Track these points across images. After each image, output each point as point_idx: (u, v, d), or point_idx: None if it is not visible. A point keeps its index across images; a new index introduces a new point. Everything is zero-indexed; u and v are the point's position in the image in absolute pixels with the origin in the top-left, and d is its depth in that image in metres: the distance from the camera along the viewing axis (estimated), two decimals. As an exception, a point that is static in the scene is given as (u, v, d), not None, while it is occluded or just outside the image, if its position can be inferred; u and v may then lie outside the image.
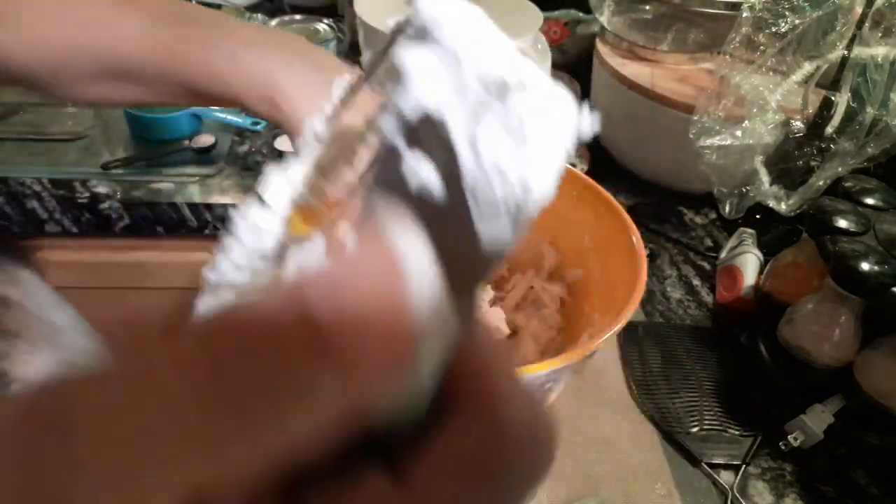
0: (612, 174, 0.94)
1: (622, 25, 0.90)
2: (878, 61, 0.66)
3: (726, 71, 0.75)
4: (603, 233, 0.57)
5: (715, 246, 0.84)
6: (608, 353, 0.68)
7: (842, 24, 0.68)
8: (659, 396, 0.64)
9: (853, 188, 0.64)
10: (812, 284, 0.65)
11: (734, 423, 0.62)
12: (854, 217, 0.60)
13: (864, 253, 0.56)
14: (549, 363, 0.43)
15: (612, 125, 0.92)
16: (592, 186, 0.58)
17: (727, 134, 0.73)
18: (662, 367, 0.67)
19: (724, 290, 0.74)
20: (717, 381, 0.66)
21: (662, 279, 0.79)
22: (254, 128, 0.94)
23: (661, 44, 0.87)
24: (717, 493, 0.57)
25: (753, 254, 0.75)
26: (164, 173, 0.89)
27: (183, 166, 0.90)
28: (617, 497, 0.55)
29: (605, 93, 0.90)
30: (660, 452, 0.59)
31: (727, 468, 0.58)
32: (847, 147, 0.70)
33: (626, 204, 0.89)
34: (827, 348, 0.61)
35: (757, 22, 0.72)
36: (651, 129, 0.85)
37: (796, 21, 0.70)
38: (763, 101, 0.72)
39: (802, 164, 0.74)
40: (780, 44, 0.71)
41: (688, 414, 0.62)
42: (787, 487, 0.58)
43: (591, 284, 0.59)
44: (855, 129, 0.69)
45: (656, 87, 0.82)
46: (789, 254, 0.70)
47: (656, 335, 0.70)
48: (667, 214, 0.89)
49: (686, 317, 0.74)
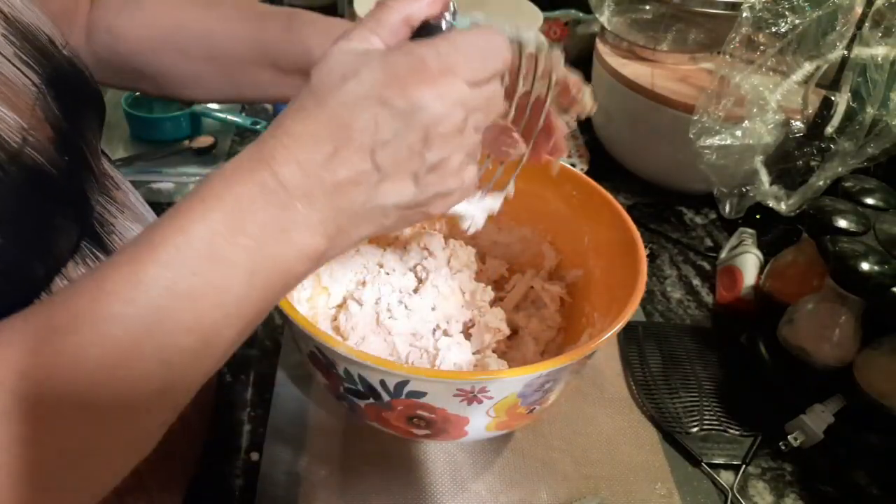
0: (612, 174, 0.94)
1: (622, 25, 0.90)
2: (878, 61, 0.66)
3: (726, 71, 0.75)
4: (603, 233, 0.57)
5: (715, 246, 0.84)
6: (608, 353, 0.68)
7: (842, 23, 0.68)
8: (659, 396, 0.64)
9: (853, 188, 0.64)
10: (812, 284, 0.65)
11: (734, 423, 0.62)
12: (854, 217, 0.60)
13: (864, 253, 0.56)
14: (549, 363, 0.43)
15: (612, 125, 0.92)
16: (592, 186, 0.58)
17: (727, 134, 0.73)
18: (662, 367, 0.67)
19: (724, 290, 0.74)
20: (718, 381, 0.66)
21: (662, 279, 0.79)
22: (254, 128, 0.94)
23: (662, 44, 0.87)
24: (717, 493, 0.57)
25: (753, 254, 0.75)
26: (164, 173, 0.89)
27: (183, 166, 0.90)
28: (617, 497, 0.55)
29: (606, 93, 0.90)
30: (660, 452, 0.59)
31: (727, 468, 0.58)
32: (847, 147, 0.70)
33: (626, 204, 0.89)
34: (827, 348, 0.61)
35: (757, 22, 0.72)
36: (651, 129, 0.85)
37: (796, 21, 0.70)
38: (763, 101, 0.72)
39: (802, 164, 0.74)
40: (780, 44, 0.71)
41: (688, 414, 0.62)
42: (787, 487, 0.58)
43: (591, 284, 0.59)
44: (855, 129, 0.69)
45: (656, 87, 0.82)
46: (789, 254, 0.70)
47: (656, 335, 0.70)
48: (667, 214, 0.89)
49: (686, 317, 0.74)
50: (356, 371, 0.44)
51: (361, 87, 0.29)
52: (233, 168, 0.30)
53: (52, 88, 0.38)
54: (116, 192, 0.47)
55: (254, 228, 0.29)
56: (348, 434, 0.58)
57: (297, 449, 0.56)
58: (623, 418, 0.62)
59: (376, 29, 0.32)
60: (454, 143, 0.31)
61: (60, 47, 0.41)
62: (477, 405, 0.45)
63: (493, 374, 0.48)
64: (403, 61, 0.30)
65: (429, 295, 0.60)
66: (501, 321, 0.59)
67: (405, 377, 0.43)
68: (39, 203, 0.35)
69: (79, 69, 0.42)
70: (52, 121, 0.37)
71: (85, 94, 0.43)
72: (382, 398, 0.45)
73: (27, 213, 0.34)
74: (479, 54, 0.31)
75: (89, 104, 0.43)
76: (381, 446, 0.57)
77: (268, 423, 0.58)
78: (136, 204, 0.50)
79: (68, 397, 0.26)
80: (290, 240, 0.30)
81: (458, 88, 0.30)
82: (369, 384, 0.44)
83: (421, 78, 0.29)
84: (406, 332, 0.58)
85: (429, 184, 0.32)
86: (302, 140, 0.29)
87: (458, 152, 0.32)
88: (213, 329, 0.29)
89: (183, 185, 0.88)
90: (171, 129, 0.94)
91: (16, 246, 0.33)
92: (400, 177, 0.31)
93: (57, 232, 0.37)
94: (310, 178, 0.29)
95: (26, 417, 0.26)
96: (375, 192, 0.31)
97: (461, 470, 0.56)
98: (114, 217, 0.45)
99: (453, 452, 0.57)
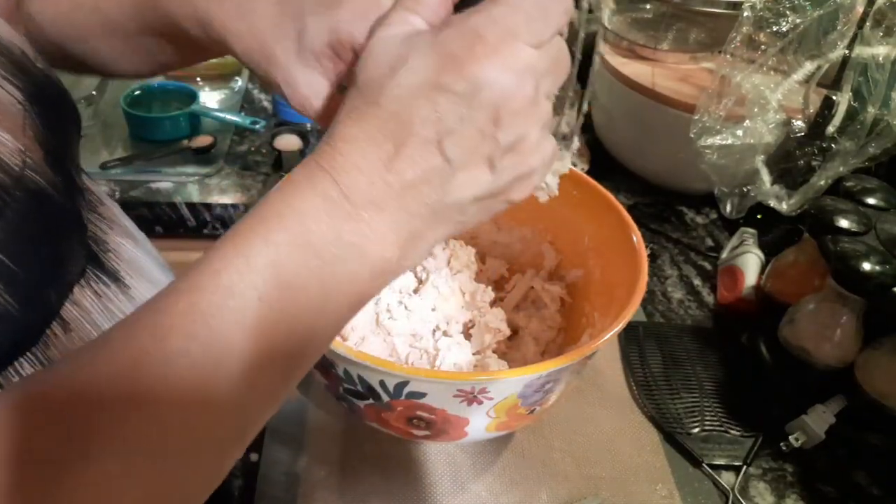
0: (613, 174, 0.94)
1: (623, 25, 0.90)
2: (880, 60, 0.66)
3: (727, 70, 0.74)
4: (603, 233, 0.57)
5: (716, 246, 0.84)
6: (609, 353, 0.68)
7: (843, 23, 0.67)
8: (660, 397, 0.64)
9: (854, 188, 0.64)
10: (813, 284, 0.64)
11: (735, 423, 0.61)
12: (855, 217, 0.60)
13: (866, 253, 0.56)
14: (549, 363, 0.43)
15: (613, 125, 0.92)
16: (593, 186, 0.58)
17: (728, 133, 0.72)
18: (663, 367, 0.67)
19: (725, 290, 0.74)
20: (718, 382, 0.66)
21: (663, 279, 0.79)
22: (253, 127, 0.94)
23: (662, 43, 0.87)
24: (718, 494, 0.56)
25: (754, 254, 0.75)
26: (163, 173, 0.89)
27: (182, 166, 0.90)
28: (617, 498, 0.55)
29: (606, 92, 0.90)
30: (661, 453, 0.59)
31: (728, 469, 0.58)
32: (848, 146, 0.69)
33: (626, 204, 0.89)
34: (828, 348, 0.61)
35: (758, 21, 0.71)
36: (652, 129, 0.85)
37: (797, 20, 0.70)
38: (764, 100, 0.72)
39: (803, 163, 0.74)
40: (781, 43, 0.71)
41: (688, 414, 0.62)
42: (788, 488, 0.57)
43: (592, 284, 0.59)
44: (856, 128, 0.69)
45: (657, 87, 0.82)
46: (790, 254, 0.70)
47: (657, 335, 0.70)
48: (667, 214, 0.89)
49: (687, 317, 0.74)
50: (356, 371, 0.44)
51: (415, 75, 0.26)
52: (290, 183, 0.27)
53: (34, 105, 0.36)
54: (101, 207, 0.45)
55: (320, 245, 0.27)
56: (348, 435, 0.58)
57: (296, 449, 0.56)
58: (623, 419, 0.62)
59: (416, 8, 0.29)
60: (528, 116, 0.28)
61: (34, 60, 0.39)
62: (477, 406, 0.44)
63: (493, 374, 0.48)
64: (456, 37, 0.26)
65: (429, 295, 0.60)
66: (501, 321, 0.59)
67: (405, 378, 0.42)
68: (47, 227, 0.34)
69: (54, 82, 0.40)
70: (41, 140, 0.35)
71: (64, 108, 0.41)
72: (382, 399, 0.45)
73: (38, 239, 0.32)
74: (539, 8, 0.27)
75: (69, 119, 0.41)
76: (381, 447, 0.57)
77: (267, 424, 0.58)
78: (120, 217, 0.47)
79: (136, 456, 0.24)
80: (360, 254, 0.27)
81: (524, 54, 0.27)
82: (369, 385, 0.44)
83: (479, 52, 0.26)
84: (406, 332, 0.58)
85: (506, 167, 0.29)
86: (359, 143, 0.27)
87: (534, 126, 0.29)
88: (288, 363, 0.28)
89: (182, 185, 0.87)
90: (170, 128, 0.93)
91: (31, 274, 0.31)
92: (474, 165, 0.28)
93: (66, 256, 0.36)
94: (374, 183, 0.27)
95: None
96: (449, 187, 0.28)
97: (461, 470, 0.56)
98: (105, 234, 0.43)
99: (453, 453, 0.57)
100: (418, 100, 0.26)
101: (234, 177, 0.90)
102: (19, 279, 0.31)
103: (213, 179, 0.89)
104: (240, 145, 0.96)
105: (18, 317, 0.31)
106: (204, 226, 0.87)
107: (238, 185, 0.88)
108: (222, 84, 1.05)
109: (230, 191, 0.87)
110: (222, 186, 0.88)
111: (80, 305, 0.38)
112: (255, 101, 1.07)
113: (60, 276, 0.35)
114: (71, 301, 0.36)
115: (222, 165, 0.91)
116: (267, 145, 0.95)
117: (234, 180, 0.89)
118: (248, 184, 0.88)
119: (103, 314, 0.40)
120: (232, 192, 0.87)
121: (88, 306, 0.39)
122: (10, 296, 0.30)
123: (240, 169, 0.91)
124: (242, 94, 1.07)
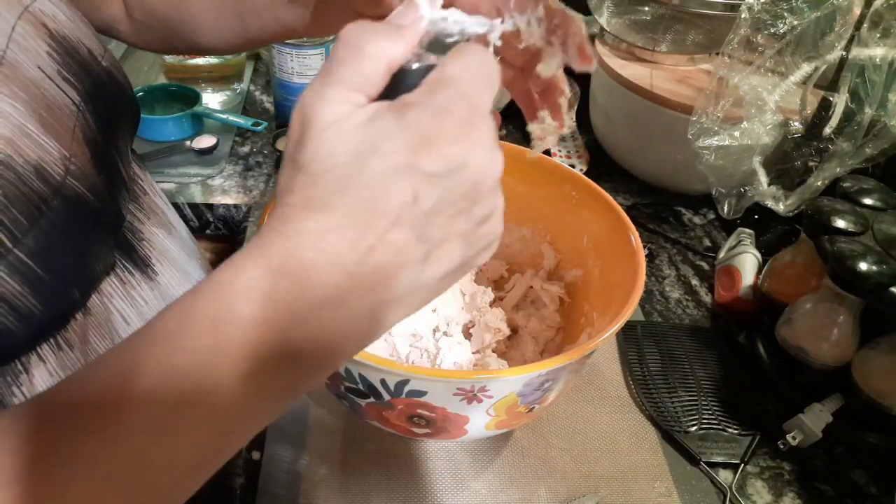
0: (612, 174, 0.94)
1: (621, 27, 0.90)
2: (877, 62, 0.66)
3: (725, 72, 0.75)
4: (602, 233, 0.58)
5: (713, 246, 0.84)
6: (607, 352, 0.69)
7: (840, 24, 0.68)
8: (658, 395, 0.64)
9: (851, 188, 0.64)
10: (810, 284, 0.65)
11: (733, 422, 0.62)
12: (852, 217, 0.60)
13: (863, 253, 0.56)
14: (548, 362, 0.43)
15: (612, 126, 0.92)
16: (591, 186, 0.58)
17: (726, 134, 0.73)
18: (661, 366, 0.67)
19: (723, 289, 0.75)
20: (716, 381, 0.66)
21: (661, 279, 0.79)
22: (255, 128, 0.95)
23: (660, 45, 0.88)
24: (715, 492, 0.57)
25: (752, 254, 0.75)
26: (165, 174, 0.89)
27: (184, 167, 0.90)
28: (616, 496, 0.56)
29: (605, 94, 0.90)
30: (659, 451, 0.59)
31: (726, 467, 0.59)
32: (845, 147, 0.70)
33: (624, 204, 0.90)
34: (825, 348, 0.62)
35: (755, 23, 0.72)
36: (650, 130, 0.86)
37: (795, 22, 0.70)
38: (761, 101, 0.72)
39: (801, 164, 0.74)
40: (778, 45, 0.71)
41: (687, 413, 0.62)
42: (785, 486, 0.58)
43: (591, 284, 0.59)
44: (853, 129, 0.69)
45: (655, 88, 0.82)
46: (787, 254, 0.71)
47: (655, 335, 0.71)
48: (665, 214, 0.89)
49: (685, 316, 0.75)
50: (356, 370, 0.44)
51: (385, 160, 0.24)
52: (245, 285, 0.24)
53: (90, 103, 0.38)
54: (144, 197, 0.47)
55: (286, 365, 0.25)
56: (349, 433, 0.58)
57: (297, 447, 0.57)
58: (622, 417, 0.62)
59: (363, 86, 0.26)
60: (498, 187, 0.27)
61: (99, 58, 0.41)
62: (477, 404, 0.45)
63: (492, 373, 0.49)
64: (425, 117, 0.25)
65: (429, 295, 0.60)
66: (501, 321, 0.60)
67: (405, 376, 0.43)
68: (80, 234, 0.35)
69: (115, 79, 0.42)
70: (89, 139, 0.37)
71: (121, 102, 0.43)
72: (383, 397, 0.45)
73: (69, 247, 0.33)
74: (490, 75, 0.27)
75: (124, 112, 0.43)
76: (382, 445, 0.57)
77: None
78: (161, 206, 0.49)
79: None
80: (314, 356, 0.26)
81: (490, 125, 0.26)
82: (370, 383, 0.45)
83: (452, 131, 0.25)
84: (406, 332, 0.58)
85: (479, 238, 0.28)
86: (321, 238, 0.24)
87: (501, 195, 0.28)
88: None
89: (184, 186, 0.88)
90: (172, 129, 0.94)
91: (57, 278, 0.32)
92: (447, 242, 0.27)
93: (94, 258, 0.37)
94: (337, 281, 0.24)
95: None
96: (423, 268, 0.26)
97: (461, 468, 0.56)
98: (141, 223, 0.45)
99: (453, 451, 0.58)
100: (394, 185, 0.24)
101: (237, 177, 0.90)
102: (45, 282, 0.31)
103: (215, 180, 0.89)
104: (242, 146, 0.96)
105: (41, 315, 0.32)
106: (207, 226, 0.88)
107: (240, 185, 0.89)
108: (224, 86, 1.05)
109: (232, 191, 0.88)
110: (225, 187, 0.88)
111: (103, 292, 0.39)
112: (257, 102, 1.07)
113: (87, 277, 0.36)
114: (98, 292, 0.38)
115: (224, 166, 0.91)
116: (269, 146, 0.96)
117: (236, 181, 0.89)
118: (251, 184, 0.89)
119: (125, 300, 0.41)
120: (234, 193, 0.87)
121: (111, 292, 0.40)
122: (34, 298, 0.31)
123: (242, 170, 0.92)
124: (244, 95, 1.07)
